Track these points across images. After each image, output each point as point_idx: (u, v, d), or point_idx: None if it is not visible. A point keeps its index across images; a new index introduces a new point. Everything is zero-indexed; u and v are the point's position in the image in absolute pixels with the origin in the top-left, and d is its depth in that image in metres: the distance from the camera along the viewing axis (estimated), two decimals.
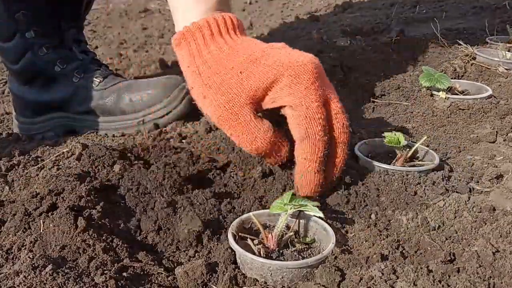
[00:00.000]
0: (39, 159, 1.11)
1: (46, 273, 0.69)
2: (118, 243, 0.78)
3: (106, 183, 0.89)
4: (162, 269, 0.74)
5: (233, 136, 0.88)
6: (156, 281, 0.72)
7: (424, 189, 0.89)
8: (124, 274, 0.72)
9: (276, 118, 0.89)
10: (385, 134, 1.00)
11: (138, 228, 0.83)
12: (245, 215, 0.80)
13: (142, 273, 0.73)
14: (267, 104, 0.87)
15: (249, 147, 0.87)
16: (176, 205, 0.85)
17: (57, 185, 0.86)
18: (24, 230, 0.80)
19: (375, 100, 1.30)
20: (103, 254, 0.74)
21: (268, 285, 0.71)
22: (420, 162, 0.99)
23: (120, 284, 0.69)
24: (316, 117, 0.83)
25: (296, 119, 0.84)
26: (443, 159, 1.02)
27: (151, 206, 0.86)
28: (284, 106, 0.86)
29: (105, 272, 0.71)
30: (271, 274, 0.71)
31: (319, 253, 0.73)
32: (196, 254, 0.78)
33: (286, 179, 0.91)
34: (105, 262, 0.73)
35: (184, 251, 0.79)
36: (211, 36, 0.89)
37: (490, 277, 0.68)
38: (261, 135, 0.86)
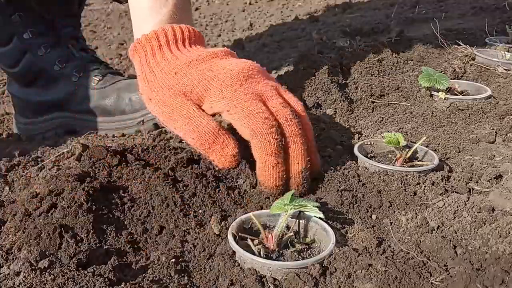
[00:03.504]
0: (39, 159, 1.11)
1: (46, 273, 0.69)
2: (118, 243, 0.78)
3: (106, 183, 0.89)
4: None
5: (177, 130, 0.90)
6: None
7: (424, 189, 0.90)
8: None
9: None
10: (385, 134, 1.01)
11: (139, 228, 0.83)
12: (245, 215, 0.81)
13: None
14: (208, 110, 0.90)
15: (191, 135, 0.88)
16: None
17: (57, 186, 0.86)
18: (24, 230, 0.80)
19: (374, 100, 1.30)
20: (105, 255, 0.75)
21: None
22: (419, 163, 0.99)
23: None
24: (255, 112, 0.84)
25: (237, 121, 0.85)
26: (443, 159, 1.03)
27: (151, 206, 0.86)
28: (223, 114, 0.88)
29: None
30: (271, 274, 0.71)
31: (319, 254, 0.74)
32: None
33: None
34: (105, 262, 0.73)
35: None
36: (159, 47, 0.94)
37: None
38: (204, 123, 0.87)
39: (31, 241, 0.75)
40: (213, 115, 0.91)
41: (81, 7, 1.42)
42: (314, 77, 1.30)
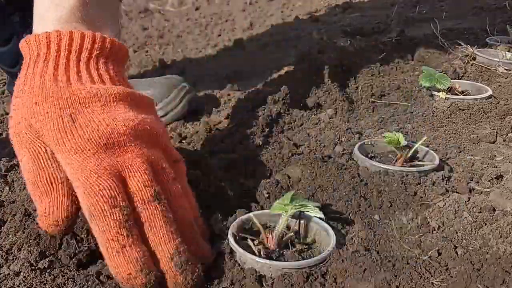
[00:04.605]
0: None
1: (46, 273, 0.69)
2: None
3: None
4: None
5: (21, 163, 0.73)
6: None
7: (424, 189, 0.89)
8: None
9: None
10: (385, 134, 1.00)
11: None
12: (245, 215, 0.80)
13: None
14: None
15: (26, 175, 0.72)
16: None
17: None
18: (24, 230, 0.80)
19: (375, 100, 1.30)
20: None
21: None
22: (420, 163, 0.99)
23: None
24: (97, 189, 0.65)
25: (80, 199, 0.68)
26: (443, 159, 1.02)
27: None
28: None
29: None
30: (271, 274, 0.71)
31: (320, 254, 0.73)
32: None
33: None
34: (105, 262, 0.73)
35: None
36: (44, 56, 0.73)
37: None
38: (44, 168, 0.71)
39: (31, 241, 0.75)
40: None
41: None
42: (314, 77, 1.30)
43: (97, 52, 0.75)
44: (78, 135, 0.69)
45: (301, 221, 0.80)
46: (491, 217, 0.81)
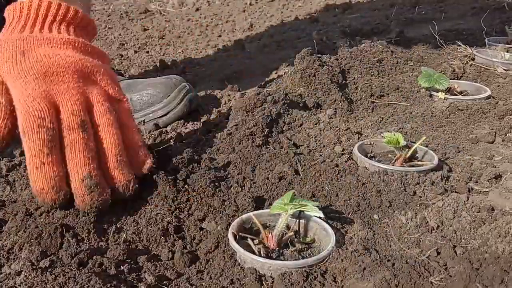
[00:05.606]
0: None
1: (47, 272, 0.69)
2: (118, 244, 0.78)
3: None
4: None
5: None
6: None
7: (423, 189, 0.90)
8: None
9: None
10: (385, 134, 1.01)
11: (139, 228, 0.83)
12: (245, 215, 0.81)
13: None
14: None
15: None
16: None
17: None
18: (25, 230, 0.80)
19: (374, 100, 1.30)
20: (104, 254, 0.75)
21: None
22: (419, 162, 0.99)
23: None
24: (31, 110, 0.78)
25: (18, 116, 0.80)
26: (442, 159, 1.03)
27: (151, 206, 0.86)
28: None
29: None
30: (271, 274, 0.71)
31: (319, 253, 0.74)
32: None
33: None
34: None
35: None
36: (18, 18, 0.87)
37: None
38: None
39: (32, 240, 0.76)
40: None
41: None
42: (314, 77, 1.30)
43: (61, 17, 0.88)
44: (24, 64, 0.81)
45: (301, 221, 0.80)
46: (490, 217, 0.81)
